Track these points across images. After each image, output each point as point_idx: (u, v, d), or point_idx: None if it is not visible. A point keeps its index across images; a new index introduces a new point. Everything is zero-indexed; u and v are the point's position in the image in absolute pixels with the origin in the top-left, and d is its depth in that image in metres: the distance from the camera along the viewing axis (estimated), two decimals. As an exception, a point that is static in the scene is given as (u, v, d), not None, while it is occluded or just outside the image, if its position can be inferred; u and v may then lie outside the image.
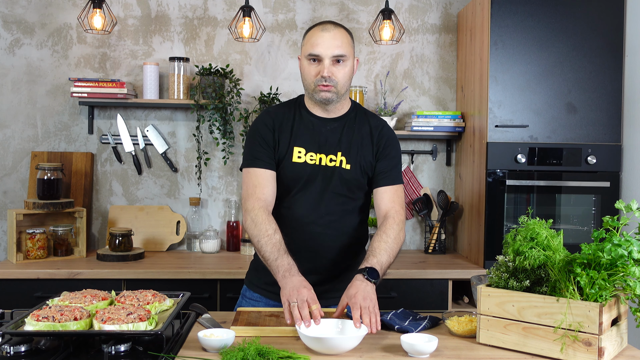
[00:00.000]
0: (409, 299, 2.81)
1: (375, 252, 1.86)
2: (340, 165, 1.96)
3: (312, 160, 1.96)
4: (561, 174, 2.95)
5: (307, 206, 1.96)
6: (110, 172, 3.34)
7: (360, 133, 2.01)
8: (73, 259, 3.01)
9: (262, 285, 2.04)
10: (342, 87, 1.94)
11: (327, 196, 1.96)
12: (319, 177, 1.96)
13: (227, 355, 1.44)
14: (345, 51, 1.91)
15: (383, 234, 1.90)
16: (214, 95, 3.18)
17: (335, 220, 1.98)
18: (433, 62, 3.44)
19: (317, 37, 1.90)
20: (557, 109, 2.91)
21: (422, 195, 3.38)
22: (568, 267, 1.51)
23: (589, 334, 1.45)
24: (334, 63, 1.90)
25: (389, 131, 2.06)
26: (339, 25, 1.95)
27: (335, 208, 1.97)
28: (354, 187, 1.99)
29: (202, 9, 3.35)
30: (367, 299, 1.70)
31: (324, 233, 1.97)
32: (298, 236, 1.95)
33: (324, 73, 1.89)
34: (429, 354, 1.53)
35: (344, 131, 2.00)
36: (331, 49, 1.88)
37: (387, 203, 1.98)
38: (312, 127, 1.99)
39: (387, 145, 2.02)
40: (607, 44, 2.90)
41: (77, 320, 1.52)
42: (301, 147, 1.96)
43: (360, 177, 1.99)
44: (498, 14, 2.88)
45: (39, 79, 3.30)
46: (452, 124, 3.27)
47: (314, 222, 1.96)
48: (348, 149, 1.98)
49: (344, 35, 1.93)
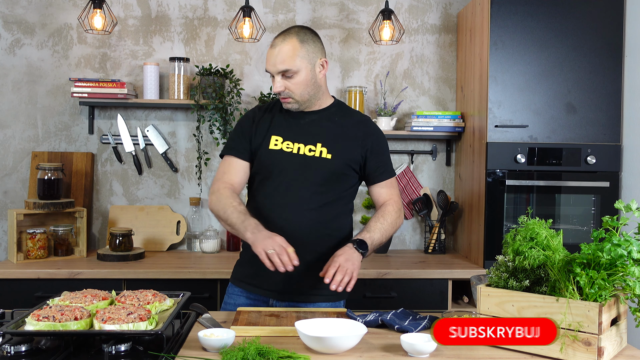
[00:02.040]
0: (409, 298, 2.82)
1: (369, 228, 1.96)
2: (321, 156, 1.98)
3: (289, 148, 2.00)
4: (561, 174, 2.95)
5: (281, 193, 2.00)
6: (111, 172, 3.35)
7: (343, 127, 2.04)
8: (73, 259, 3.01)
9: (242, 278, 2.08)
10: (302, 96, 1.99)
11: (305, 185, 1.98)
12: (296, 165, 1.99)
13: (228, 355, 1.44)
14: (290, 65, 1.93)
15: (381, 216, 2.00)
16: (214, 96, 3.18)
17: (312, 209, 1.98)
18: (433, 62, 3.45)
19: (268, 53, 1.98)
20: (556, 109, 2.91)
21: (422, 195, 3.38)
22: (568, 267, 1.51)
23: (589, 334, 1.46)
24: (284, 77, 1.96)
25: (374, 126, 2.11)
26: (290, 36, 1.96)
27: (313, 198, 1.99)
28: (334, 177, 2.00)
29: (202, 9, 3.36)
30: (349, 261, 1.78)
31: (300, 222, 1.97)
32: (274, 223, 1.96)
33: (274, 89, 1.98)
34: (428, 354, 1.53)
35: (324, 124, 2.04)
36: (276, 65, 1.94)
37: (385, 196, 2.07)
38: (292, 119, 2.05)
39: (377, 141, 2.07)
40: (606, 44, 2.91)
41: (77, 320, 1.52)
42: (279, 135, 2.03)
43: (342, 168, 2.00)
44: (498, 14, 2.89)
45: (39, 79, 3.30)
46: (452, 124, 3.27)
47: (289, 210, 1.98)
48: (329, 140, 2.01)
49: (289, 48, 1.93)
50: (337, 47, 3.41)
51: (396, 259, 3.14)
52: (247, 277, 2.06)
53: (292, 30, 1.98)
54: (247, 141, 2.05)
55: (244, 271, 2.09)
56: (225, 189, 1.99)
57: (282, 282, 1.97)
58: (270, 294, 2.02)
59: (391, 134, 3.30)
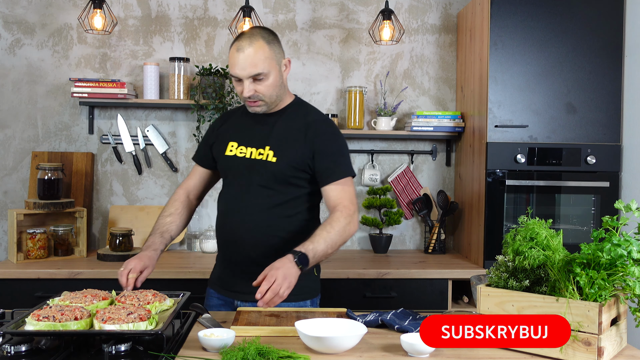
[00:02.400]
0: (409, 298, 2.82)
1: (314, 238, 1.84)
2: (267, 159, 2.00)
3: (242, 153, 2.04)
4: (561, 174, 2.95)
5: (235, 198, 2.04)
6: (111, 172, 3.35)
7: (293, 128, 2.02)
8: (73, 259, 3.01)
9: (213, 279, 2.16)
10: (271, 97, 1.99)
11: (253, 189, 2.00)
12: (245, 169, 2.02)
13: (228, 355, 1.44)
14: (261, 68, 1.92)
15: (328, 224, 1.89)
16: (214, 96, 3.18)
17: (260, 212, 2.00)
18: (433, 63, 3.45)
19: (233, 57, 1.93)
20: (556, 109, 2.91)
21: (422, 195, 3.38)
22: (567, 267, 1.51)
23: (589, 334, 1.46)
24: (254, 81, 1.94)
25: (326, 126, 2.05)
26: (256, 38, 1.93)
27: (262, 201, 2.00)
28: (282, 180, 1.99)
29: (203, 9, 3.36)
30: (286, 278, 1.70)
31: (251, 225, 2.00)
32: (227, 229, 2.05)
33: (244, 94, 1.95)
34: (428, 354, 1.53)
35: (275, 126, 2.04)
36: (246, 70, 1.91)
37: (334, 200, 1.96)
38: (247, 122, 2.08)
39: (325, 141, 2.00)
40: (606, 44, 2.91)
41: (77, 320, 1.53)
42: (234, 141, 2.07)
43: (287, 171, 1.98)
44: (498, 15, 2.89)
45: (39, 79, 3.30)
46: (452, 124, 3.27)
47: (239, 214, 2.02)
48: (277, 143, 2.01)
49: (258, 51, 1.91)
50: (337, 47, 3.41)
51: (396, 259, 3.14)
52: (216, 279, 2.14)
53: (256, 32, 1.96)
54: (208, 148, 2.16)
55: (214, 273, 2.18)
56: (176, 196, 2.18)
57: (243, 284, 2.00)
58: (234, 295, 2.06)
59: (391, 134, 3.30)
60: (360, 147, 3.43)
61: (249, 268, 1.97)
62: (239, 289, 2.04)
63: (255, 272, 1.91)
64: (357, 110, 3.29)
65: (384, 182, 3.43)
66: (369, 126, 3.38)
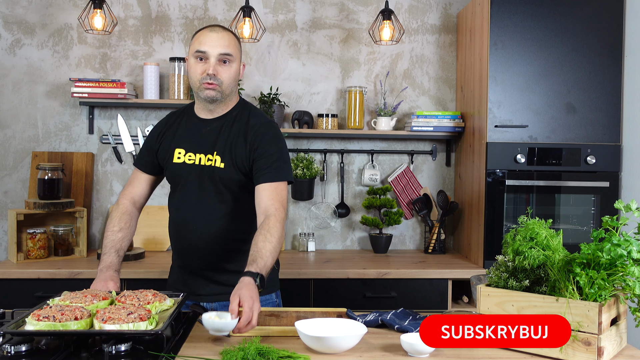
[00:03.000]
0: (409, 298, 2.82)
1: (262, 253, 1.79)
2: (215, 164, 1.99)
3: (191, 160, 2.02)
4: (560, 174, 2.95)
5: (188, 206, 2.04)
6: (111, 172, 3.35)
7: (236, 132, 2.02)
8: (73, 259, 3.01)
9: (172, 284, 2.13)
10: (227, 87, 1.99)
11: (206, 195, 2.01)
12: (196, 176, 2.01)
13: (228, 355, 1.44)
14: (232, 52, 1.96)
15: (267, 233, 1.83)
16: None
17: (216, 218, 2.01)
18: (433, 63, 3.45)
19: (205, 36, 1.96)
20: (556, 109, 2.91)
21: (422, 195, 3.38)
22: (567, 267, 1.52)
23: (589, 334, 1.46)
24: (220, 63, 1.95)
25: (266, 129, 2.01)
26: (227, 29, 2.01)
27: (215, 206, 2.01)
28: (229, 185, 2.00)
29: (203, 10, 3.36)
30: (255, 302, 1.65)
31: (207, 232, 2.01)
32: (182, 236, 2.05)
33: (209, 71, 1.94)
34: (428, 354, 1.53)
35: (222, 130, 2.03)
36: (218, 48, 1.94)
37: (265, 200, 1.92)
38: (194, 128, 2.06)
39: (263, 143, 1.98)
40: (606, 44, 2.91)
41: (77, 320, 1.53)
42: (181, 148, 2.04)
43: (234, 174, 1.98)
44: (497, 15, 2.89)
45: (39, 79, 3.30)
46: (452, 124, 3.27)
47: (194, 221, 2.02)
48: (223, 148, 2.00)
49: (231, 37, 1.98)
50: (337, 47, 3.41)
51: (396, 259, 3.14)
52: (176, 284, 2.11)
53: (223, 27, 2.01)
54: (151, 155, 2.11)
55: (172, 278, 2.15)
56: (120, 206, 2.09)
57: (205, 285, 2.04)
58: (199, 298, 2.05)
59: (391, 134, 3.30)
60: (360, 147, 3.44)
61: (206, 272, 2.03)
62: (202, 291, 2.05)
63: (213, 275, 2.02)
64: (357, 110, 3.29)
65: (384, 182, 3.44)
66: (369, 126, 3.38)
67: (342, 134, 3.29)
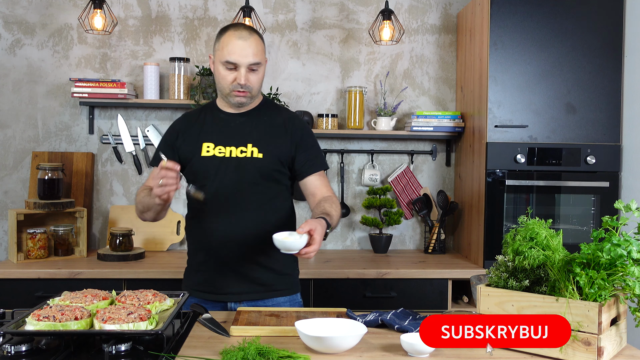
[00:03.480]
0: (409, 298, 2.82)
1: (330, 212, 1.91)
2: (252, 155, 2.00)
3: (221, 153, 2.02)
4: (560, 174, 2.95)
5: (221, 198, 2.02)
6: (111, 172, 3.35)
7: (272, 124, 2.06)
8: (74, 259, 3.02)
9: (195, 286, 2.08)
10: (256, 90, 2.03)
11: (242, 187, 2.01)
12: (231, 169, 2.00)
13: (228, 355, 1.45)
14: (260, 59, 1.98)
15: (332, 203, 1.98)
16: (214, 96, 3.18)
17: (253, 210, 2.01)
18: (433, 63, 3.45)
19: (233, 45, 1.95)
20: (556, 109, 2.91)
21: (422, 195, 3.38)
22: (567, 267, 1.52)
23: (588, 334, 1.46)
24: (249, 71, 1.97)
25: (301, 122, 2.13)
26: (253, 31, 2.00)
27: (250, 198, 2.01)
28: (268, 176, 2.02)
29: (203, 10, 3.36)
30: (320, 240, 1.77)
31: (243, 224, 2.01)
32: (218, 228, 2.02)
33: (241, 81, 1.96)
34: (428, 354, 1.53)
35: (254, 123, 2.05)
36: (248, 57, 1.95)
37: (321, 188, 2.05)
38: (222, 122, 2.07)
39: (304, 135, 2.08)
40: (606, 44, 2.91)
41: (77, 319, 1.53)
42: (210, 142, 2.04)
43: (274, 165, 2.02)
44: (497, 15, 2.89)
45: (39, 79, 3.30)
46: (452, 124, 3.27)
47: (232, 214, 2.01)
48: (259, 139, 2.02)
49: (258, 42, 1.99)
50: (337, 47, 3.41)
51: (396, 259, 3.14)
52: (200, 285, 2.07)
53: (247, 26, 2.01)
54: (170, 150, 2.08)
55: (194, 279, 2.10)
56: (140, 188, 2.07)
57: (235, 283, 2.02)
58: (226, 297, 2.04)
59: (391, 134, 3.30)
60: (360, 147, 3.44)
61: (240, 267, 2.01)
62: (231, 290, 2.03)
63: (245, 271, 2.00)
64: (357, 110, 3.29)
65: (384, 182, 3.44)
66: (369, 126, 3.38)
67: (342, 134, 3.29)
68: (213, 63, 2.04)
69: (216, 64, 2.01)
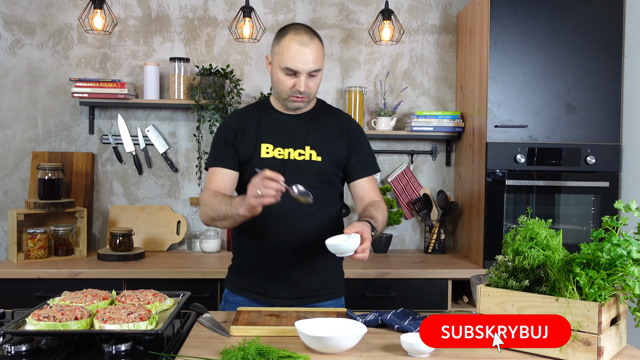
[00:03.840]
0: (409, 298, 2.82)
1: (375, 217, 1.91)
2: (311, 158, 1.99)
3: (281, 155, 2.00)
4: (560, 174, 2.95)
5: (281, 201, 1.94)
6: (111, 172, 3.35)
7: (328, 127, 2.06)
8: (74, 259, 3.02)
9: (244, 286, 2.06)
10: (314, 95, 2.03)
11: None
12: (290, 171, 1.98)
13: (228, 355, 1.45)
14: (320, 64, 1.95)
15: (379, 207, 1.99)
16: (214, 96, 3.19)
17: (310, 213, 1.99)
18: (433, 63, 3.45)
19: (295, 51, 1.90)
20: (556, 109, 2.91)
21: (422, 195, 3.38)
22: (567, 267, 1.52)
23: (588, 334, 1.46)
24: (309, 76, 1.94)
25: (357, 124, 2.14)
26: (313, 34, 1.95)
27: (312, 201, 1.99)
28: (326, 179, 2.02)
29: (203, 10, 3.36)
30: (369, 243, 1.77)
31: (300, 227, 1.99)
32: (275, 231, 2.00)
33: (300, 88, 1.93)
34: (428, 354, 1.53)
35: (311, 126, 2.04)
36: (309, 64, 1.91)
37: (370, 192, 2.06)
38: (279, 123, 2.04)
39: (358, 137, 2.08)
40: (606, 45, 2.91)
41: (77, 319, 1.53)
42: (269, 143, 2.01)
43: (332, 169, 2.02)
44: (497, 15, 2.89)
45: (39, 79, 3.30)
46: (452, 124, 3.27)
47: (289, 216, 1.99)
48: (317, 142, 2.01)
49: (319, 47, 1.95)
50: (337, 47, 3.41)
51: (396, 258, 3.14)
52: (250, 286, 2.05)
53: (308, 28, 1.96)
54: (231, 149, 2.01)
55: (245, 280, 2.07)
56: (207, 193, 1.96)
57: (286, 288, 2.01)
58: (276, 301, 2.02)
59: (391, 134, 3.30)
60: (360, 147, 3.43)
61: (292, 272, 1.98)
62: (282, 295, 2.02)
63: (297, 275, 1.98)
64: (357, 111, 3.29)
65: (384, 182, 3.44)
66: (369, 126, 3.38)
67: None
68: (270, 64, 1.99)
69: (274, 67, 1.95)
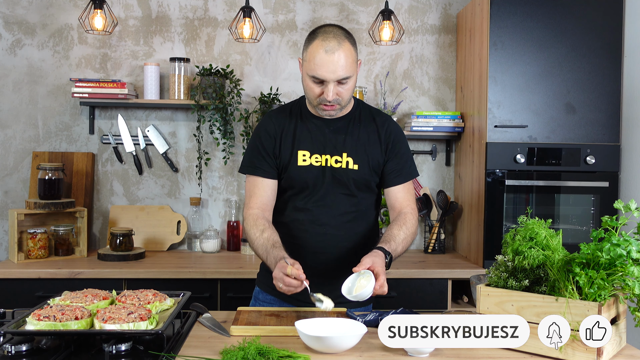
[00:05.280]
0: (409, 298, 2.82)
1: (395, 238, 1.88)
2: (347, 167, 1.94)
3: (318, 162, 1.94)
4: (560, 174, 2.95)
5: (318, 209, 1.96)
6: (111, 172, 3.35)
7: (366, 132, 1.98)
8: (74, 259, 3.02)
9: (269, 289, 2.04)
10: (347, 101, 1.91)
11: (338, 198, 1.95)
12: (327, 178, 1.94)
13: (228, 355, 1.45)
14: (350, 71, 1.83)
15: (403, 224, 1.93)
16: (215, 96, 3.19)
17: (348, 221, 1.97)
18: (432, 63, 3.45)
19: (320, 58, 1.79)
20: (556, 109, 2.92)
21: (422, 195, 3.39)
22: (567, 267, 1.52)
23: (588, 333, 1.46)
24: (338, 84, 1.84)
25: (395, 127, 2.04)
26: (342, 39, 1.82)
27: (348, 209, 1.97)
28: (363, 187, 1.97)
29: (203, 10, 3.36)
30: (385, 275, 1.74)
31: (337, 234, 1.96)
32: (310, 238, 1.96)
33: (328, 97, 1.83)
34: (428, 353, 1.53)
35: (348, 131, 1.97)
36: (336, 73, 1.80)
37: (401, 201, 1.99)
38: (315, 129, 1.97)
39: (396, 142, 2.00)
40: (605, 45, 2.91)
41: (78, 319, 1.53)
42: (305, 150, 1.95)
43: (369, 176, 1.97)
44: (497, 15, 2.89)
45: (40, 79, 3.30)
46: (452, 124, 3.27)
47: (326, 224, 1.96)
48: (354, 149, 1.95)
49: (348, 53, 1.82)
50: (337, 47, 3.41)
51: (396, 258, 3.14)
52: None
53: (339, 32, 1.84)
54: (270, 158, 1.96)
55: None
56: (250, 217, 1.92)
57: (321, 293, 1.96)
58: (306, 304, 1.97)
59: (391, 134, 3.30)
60: (360, 147, 3.43)
61: (323, 278, 1.92)
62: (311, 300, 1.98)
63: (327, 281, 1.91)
64: (357, 111, 3.29)
65: (384, 182, 3.43)
66: (369, 126, 3.38)
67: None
68: (302, 67, 1.90)
69: (303, 73, 1.88)
